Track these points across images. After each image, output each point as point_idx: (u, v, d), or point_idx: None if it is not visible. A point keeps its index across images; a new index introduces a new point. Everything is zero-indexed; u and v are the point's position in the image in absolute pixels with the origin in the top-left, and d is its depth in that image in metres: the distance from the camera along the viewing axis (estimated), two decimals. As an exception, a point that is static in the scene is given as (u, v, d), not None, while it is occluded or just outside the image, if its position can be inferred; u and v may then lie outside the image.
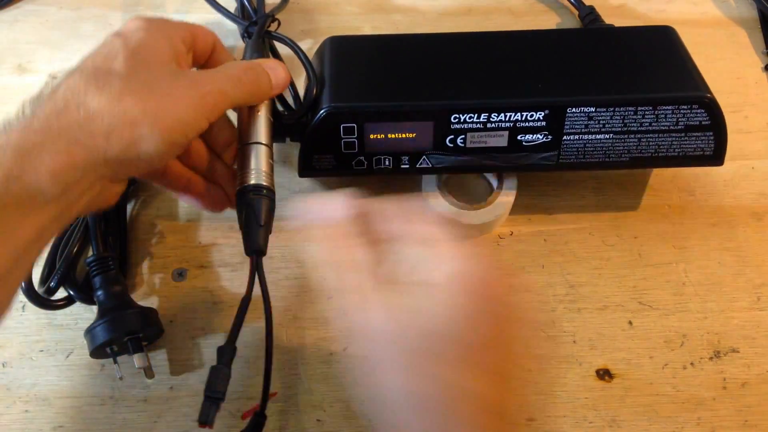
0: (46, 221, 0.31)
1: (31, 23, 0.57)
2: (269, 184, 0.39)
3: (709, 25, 0.57)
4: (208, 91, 0.35)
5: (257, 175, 0.38)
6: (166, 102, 0.33)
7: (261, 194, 0.38)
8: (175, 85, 0.34)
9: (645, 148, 0.43)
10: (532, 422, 0.41)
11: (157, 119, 0.32)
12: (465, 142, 0.43)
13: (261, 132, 0.40)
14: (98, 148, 0.31)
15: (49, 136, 0.31)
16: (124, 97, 0.32)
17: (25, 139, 0.30)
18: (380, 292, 0.32)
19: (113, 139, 0.32)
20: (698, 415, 0.41)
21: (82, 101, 0.32)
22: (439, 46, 0.46)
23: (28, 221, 0.30)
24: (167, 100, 0.33)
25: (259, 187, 0.38)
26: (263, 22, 0.48)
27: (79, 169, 0.31)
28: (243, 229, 0.38)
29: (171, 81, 0.34)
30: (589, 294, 0.45)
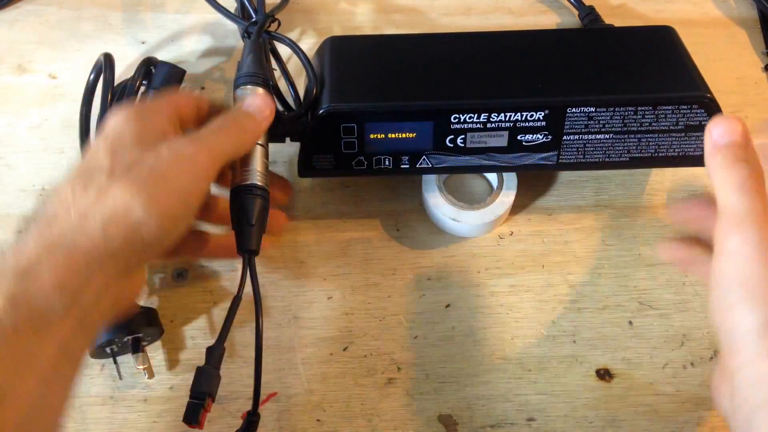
0: (67, 335, 0.30)
1: (31, 23, 0.57)
2: (263, 184, 0.39)
3: (709, 25, 0.57)
4: (194, 152, 0.34)
5: (251, 174, 0.38)
6: (155, 178, 0.33)
7: (253, 194, 0.38)
8: (161, 158, 0.33)
9: (645, 148, 0.43)
10: (532, 422, 0.41)
11: (149, 198, 0.32)
12: (465, 142, 0.43)
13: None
14: (97, 246, 0.31)
15: (45, 249, 0.30)
16: (111, 188, 0.32)
17: (22, 258, 0.30)
18: None
19: (110, 232, 0.31)
20: (698, 415, 0.41)
21: (71, 204, 0.31)
22: (439, 46, 0.46)
23: (47, 341, 0.29)
24: (155, 175, 0.33)
25: (252, 186, 0.38)
26: (263, 22, 0.48)
27: (83, 273, 0.30)
28: (235, 228, 0.38)
29: (156, 157, 0.33)
30: (589, 294, 0.45)
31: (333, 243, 0.47)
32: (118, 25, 0.57)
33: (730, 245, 0.32)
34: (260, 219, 0.38)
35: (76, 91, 0.50)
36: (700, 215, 0.38)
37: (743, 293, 0.32)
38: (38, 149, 0.50)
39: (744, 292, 0.32)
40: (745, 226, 0.32)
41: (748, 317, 0.31)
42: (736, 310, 0.32)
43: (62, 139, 0.51)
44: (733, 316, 0.32)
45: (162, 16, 0.57)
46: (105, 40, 0.56)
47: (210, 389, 0.35)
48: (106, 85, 0.47)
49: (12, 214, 0.48)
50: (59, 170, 0.49)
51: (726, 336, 0.33)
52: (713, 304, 0.33)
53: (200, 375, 0.35)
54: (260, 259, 0.46)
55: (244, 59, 0.43)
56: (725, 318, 0.32)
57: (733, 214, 0.32)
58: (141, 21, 0.57)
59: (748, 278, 0.31)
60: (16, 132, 0.51)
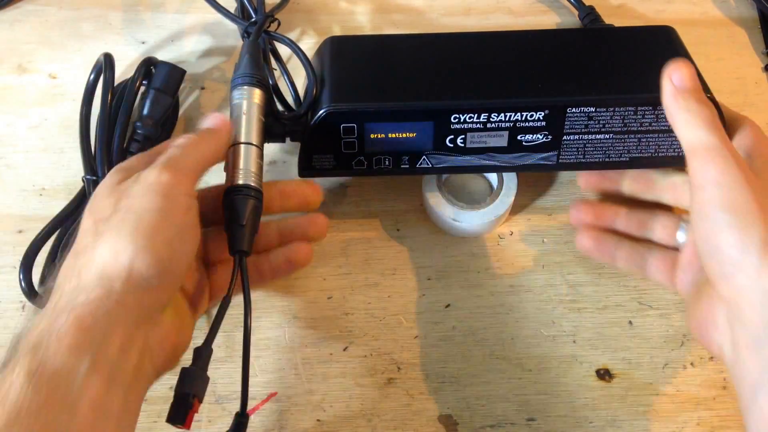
0: (99, 394, 0.29)
1: (31, 23, 0.57)
2: (256, 185, 0.39)
3: (709, 25, 0.57)
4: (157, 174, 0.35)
5: (243, 175, 0.39)
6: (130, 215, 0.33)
7: (243, 194, 0.38)
8: (132, 195, 0.34)
9: (645, 148, 0.43)
10: (532, 422, 0.41)
11: (130, 235, 0.32)
12: (465, 142, 0.43)
13: (249, 132, 0.40)
14: (100, 298, 0.31)
15: (52, 319, 0.30)
16: (97, 243, 0.33)
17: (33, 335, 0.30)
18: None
19: (106, 280, 0.31)
20: (698, 415, 0.41)
21: (70, 272, 0.32)
22: (439, 46, 0.46)
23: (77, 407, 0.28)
24: (130, 213, 0.33)
25: (243, 187, 0.38)
26: (262, 23, 0.48)
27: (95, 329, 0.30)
28: (226, 229, 0.38)
29: (127, 196, 0.34)
30: (589, 294, 0.45)
31: (333, 243, 0.46)
32: (118, 25, 0.57)
33: (710, 176, 0.34)
34: (251, 219, 0.38)
35: (76, 91, 0.50)
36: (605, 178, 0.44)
37: (735, 217, 0.33)
38: (38, 149, 0.50)
39: (735, 216, 0.33)
40: (720, 157, 0.34)
41: (745, 238, 0.32)
42: (728, 234, 0.33)
43: (62, 139, 0.51)
44: (728, 240, 0.33)
45: (162, 16, 0.57)
46: (105, 40, 0.56)
47: (195, 390, 0.35)
48: (106, 85, 0.47)
49: (12, 214, 0.48)
50: (59, 170, 0.49)
51: (718, 263, 0.34)
52: (702, 235, 0.34)
53: (185, 376, 0.35)
54: (260, 259, 0.46)
55: (241, 60, 0.43)
56: (717, 243, 0.33)
57: (707, 148, 0.35)
58: (141, 21, 0.57)
59: (736, 202, 0.33)
60: (16, 132, 0.51)
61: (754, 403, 0.32)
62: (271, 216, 0.42)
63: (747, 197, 0.33)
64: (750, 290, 0.32)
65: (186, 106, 0.52)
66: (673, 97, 0.37)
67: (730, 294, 0.34)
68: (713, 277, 0.35)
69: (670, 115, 0.37)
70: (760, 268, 0.32)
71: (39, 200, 0.48)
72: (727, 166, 0.34)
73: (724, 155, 0.34)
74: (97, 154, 0.46)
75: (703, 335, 0.37)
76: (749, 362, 0.32)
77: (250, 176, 0.39)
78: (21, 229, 0.47)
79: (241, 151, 0.39)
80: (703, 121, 0.35)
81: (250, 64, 0.43)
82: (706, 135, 0.35)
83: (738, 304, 0.33)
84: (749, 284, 0.32)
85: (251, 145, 0.40)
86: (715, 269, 0.34)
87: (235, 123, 0.40)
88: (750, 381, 0.32)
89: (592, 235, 0.44)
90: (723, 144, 0.35)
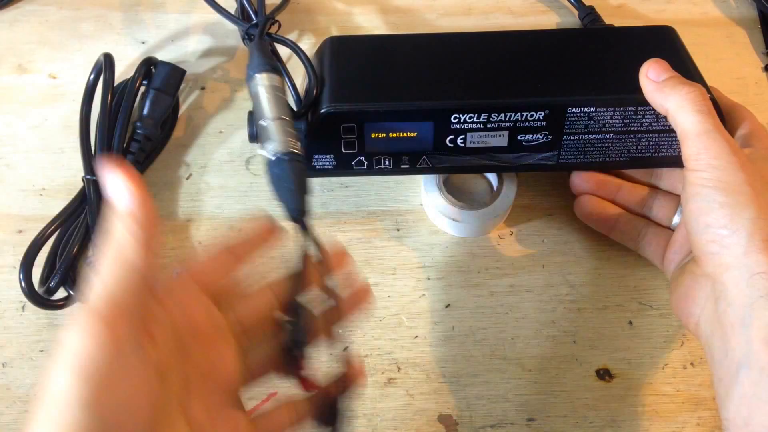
0: None
1: (31, 23, 0.57)
2: (287, 150, 0.38)
3: (709, 25, 0.57)
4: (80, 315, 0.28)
5: (273, 147, 0.38)
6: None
7: (279, 161, 0.38)
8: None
9: (645, 148, 0.43)
10: (532, 422, 0.41)
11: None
12: (465, 142, 0.43)
13: (273, 109, 0.40)
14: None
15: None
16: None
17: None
18: None
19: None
20: (698, 415, 0.41)
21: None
22: (439, 46, 0.46)
23: None
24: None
25: (281, 155, 0.38)
26: (263, 25, 0.48)
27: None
28: (278, 200, 0.37)
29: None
30: (589, 294, 0.45)
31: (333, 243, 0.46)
32: (118, 25, 0.57)
33: (705, 159, 0.35)
34: (300, 181, 0.37)
35: (76, 91, 0.50)
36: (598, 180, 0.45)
37: (728, 197, 0.34)
38: (38, 149, 0.50)
39: (728, 196, 0.34)
40: (715, 140, 0.35)
41: (736, 217, 0.33)
42: (721, 213, 0.34)
43: (62, 139, 0.51)
44: (719, 219, 0.34)
45: (162, 16, 0.57)
46: (105, 40, 0.56)
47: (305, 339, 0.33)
48: (106, 85, 0.47)
49: (12, 214, 0.48)
50: (59, 170, 0.49)
51: (707, 241, 0.35)
52: (693, 212, 0.35)
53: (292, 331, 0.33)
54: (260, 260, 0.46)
55: (251, 56, 0.43)
56: (709, 221, 0.34)
57: (700, 132, 0.36)
58: (141, 21, 0.57)
59: (729, 184, 0.34)
60: (16, 132, 0.51)
61: (734, 380, 0.32)
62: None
63: (742, 179, 0.34)
64: (736, 269, 0.33)
65: (186, 106, 0.52)
66: (657, 90, 0.38)
67: (716, 271, 0.34)
68: (700, 254, 0.35)
69: (660, 107, 0.38)
70: (747, 248, 0.33)
71: (39, 200, 0.48)
72: (722, 149, 0.35)
73: (718, 139, 0.35)
74: (97, 154, 0.46)
75: (681, 309, 0.38)
76: (732, 340, 0.33)
77: (288, 144, 0.38)
78: (21, 229, 0.47)
79: (273, 126, 0.39)
80: (695, 105, 0.36)
81: (260, 57, 0.43)
82: (700, 120, 0.36)
83: (723, 282, 0.34)
84: (735, 263, 0.33)
85: (280, 120, 0.40)
86: (703, 247, 0.35)
87: (259, 106, 0.41)
88: (733, 358, 0.33)
89: (593, 202, 0.45)
90: (716, 128, 0.35)
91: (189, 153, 0.50)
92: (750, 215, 0.33)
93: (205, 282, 0.33)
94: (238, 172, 0.49)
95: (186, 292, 0.32)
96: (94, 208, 0.44)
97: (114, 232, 0.28)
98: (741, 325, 0.33)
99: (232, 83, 0.53)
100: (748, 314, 0.32)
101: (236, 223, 0.43)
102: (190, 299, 0.32)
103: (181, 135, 0.51)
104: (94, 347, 0.26)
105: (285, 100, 0.41)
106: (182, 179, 0.49)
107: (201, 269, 0.34)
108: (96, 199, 0.44)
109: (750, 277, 0.33)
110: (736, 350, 0.33)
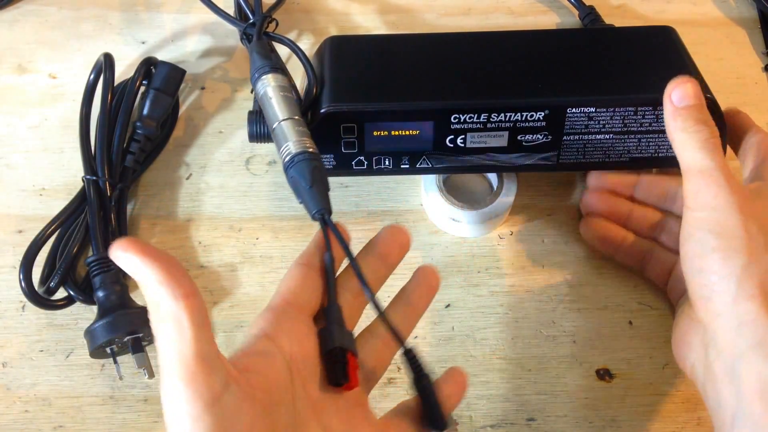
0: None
1: (31, 23, 0.57)
2: (302, 149, 0.38)
3: (709, 25, 0.57)
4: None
5: (287, 149, 0.38)
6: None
7: (294, 162, 0.37)
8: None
9: (645, 148, 0.43)
10: (532, 422, 0.41)
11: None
12: (465, 142, 0.43)
13: (283, 109, 0.40)
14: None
15: None
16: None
17: None
18: None
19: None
20: (698, 415, 0.41)
21: None
22: (439, 46, 0.46)
23: None
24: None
25: (291, 158, 0.38)
26: (260, 24, 0.48)
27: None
28: (301, 202, 0.37)
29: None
30: (589, 294, 0.45)
31: (333, 243, 0.46)
32: (118, 25, 0.57)
33: (703, 198, 0.34)
34: (317, 178, 0.36)
35: (76, 91, 0.50)
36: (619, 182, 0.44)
37: (720, 241, 0.33)
38: (38, 149, 0.50)
39: (721, 240, 0.33)
40: (714, 179, 0.34)
41: (727, 263, 0.32)
42: (713, 258, 0.33)
43: (62, 139, 0.51)
44: (710, 263, 0.33)
45: (162, 16, 0.57)
46: (105, 40, 0.56)
47: (344, 343, 0.32)
48: (106, 85, 0.47)
49: (12, 214, 0.48)
50: (59, 170, 0.49)
51: (699, 285, 0.34)
52: (687, 254, 0.34)
53: (326, 335, 0.32)
54: (260, 260, 0.46)
55: (252, 59, 0.43)
56: (701, 266, 0.33)
57: (701, 170, 0.35)
58: (141, 21, 0.57)
59: (724, 227, 0.33)
60: (16, 132, 0.51)
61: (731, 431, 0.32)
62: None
63: (737, 223, 0.33)
64: (725, 317, 0.32)
65: (186, 106, 0.52)
66: (672, 116, 0.37)
67: (707, 317, 0.33)
68: (693, 298, 0.35)
69: (669, 134, 0.37)
70: (736, 296, 0.32)
71: (39, 200, 0.48)
72: (720, 190, 0.34)
73: (718, 179, 0.34)
74: (97, 154, 0.46)
75: (677, 352, 0.37)
76: (724, 391, 0.32)
77: (301, 144, 0.38)
78: (21, 229, 0.47)
79: (283, 128, 0.39)
80: (700, 142, 0.35)
81: (261, 59, 0.43)
82: (702, 157, 0.35)
83: (714, 330, 0.33)
84: (725, 310, 0.32)
85: (290, 120, 0.39)
86: (696, 290, 0.34)
87: (269, 108, 0.41)
88: (726, 409, 0.32)
89: (601, 224, 0.44)
90: (718, 167, 0.34)
91: (189, 153, 0.50)
92: (741, 261, 0.32)
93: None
94: (238, 172, 0.49)
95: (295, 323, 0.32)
96: (94, 208, 0.44)
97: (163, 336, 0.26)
98: (731, 376, 0.32)
99: (232, 83, 0.53)
100: (737, 366, 0.31)
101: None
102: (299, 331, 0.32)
103: (181, 135, 0.51)
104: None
105: (292, 98, 0.41)
106: (182, 179, 0.49)
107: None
108: (96, 199, 0.44)
109: (738, 325, 0.32)
110: (729, 401, 0.32)
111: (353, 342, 0.33)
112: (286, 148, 0.38)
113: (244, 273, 0.45)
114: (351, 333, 0.34)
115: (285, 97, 0.41)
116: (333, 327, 0.33)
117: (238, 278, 0.45)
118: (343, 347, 0.32)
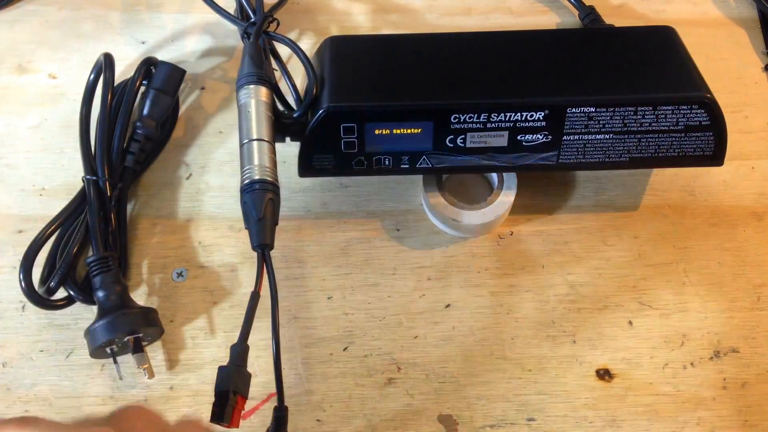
0: None
1: (31, 23, 0.57)
2: (270, 178, 0.39)
3: (709, 25, 0.57)
4: None
5: (254, 171, 0.38)
6: None
7: (254, 189, 0.38)
8: None
9: (645, 148, 0.43)
10: (532, 422, 0.41)
11: None
12: (465, 142, 0.43)
13: (259, 128, 0.40)
14: None
15: None
16: None
17: None
18: None
19: None
20: (698, 415, 0.41)
21: None
22: (439, 46, 0.46)
23: None
24: None
25: (253, 182, 0.38)
26: (261, 23, 0.48)
27: None
28: (246, 227, 0.38)
29: None
30: (589, 294, 0.45)
31: (333, 243, 0.47)
32: (118, 25, 0.57)
33: None
34: (270, 212, 0.38)
35: (76, 91, 0.50)
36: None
37: None
38: (38, 149, 0.50)
39: None
40: None
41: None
42: None
43: (62, 139, 0.51)
44: None
45: (162, 16, 0.57)
46: (105, 40, 0.56)
47: (235, 386, 0.34)
48: (106, 85, 0.47)
49: (12, 214, 0.48)
50: (59, 170, 0.49)
51: None
52: None
53: (223, 373, 0.35)
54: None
55: (242, 61, 0.43)
56: None
57: None
58: (141, 21, 0.57)
59: None
60: (16, 132, 0.51)
61: None
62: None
63: None
64: None
65: (186, 106, 0.52)
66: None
67: None
68: None
69: None
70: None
71: (39, 200, 0.48)
72: None
73: None
74: (97, 154, 0.46)
75: None
76: None
77: (262, 170, 0.39)
78: (21, 229, 0.47)
79: (253, 147, 0.39)
80: None
81: (252, 64, 0.43)
82: None
83: None
84: None
85: (262, 141, 0.40)
86: None
87: (244, 121, 0.41)
88: None
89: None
90: None
91: (189, 153, 0.50)
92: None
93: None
94: (238, 172, 0.49)
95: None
96: (94, 208, 0.44)
97: None
98: None
99: (232, 83, 0.53)
100: None
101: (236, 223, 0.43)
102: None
103: (181, 135, 0.51)
104: None
105: (271, 118, 0.41)
106: (182, 179, 0.49)
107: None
108: (96, 199, 0.44)
109: None
110: None
111: (247, 383, 0.35)
112: (248, 169, 0.39)
113: (244, 273, 0.46)
114: (249, 375, 0.35)
115: (265, 115, 0.41)
116: (231, 368, 0.35)
117: (238, 278, 0.45)
118: (236, 390, 0.34)
